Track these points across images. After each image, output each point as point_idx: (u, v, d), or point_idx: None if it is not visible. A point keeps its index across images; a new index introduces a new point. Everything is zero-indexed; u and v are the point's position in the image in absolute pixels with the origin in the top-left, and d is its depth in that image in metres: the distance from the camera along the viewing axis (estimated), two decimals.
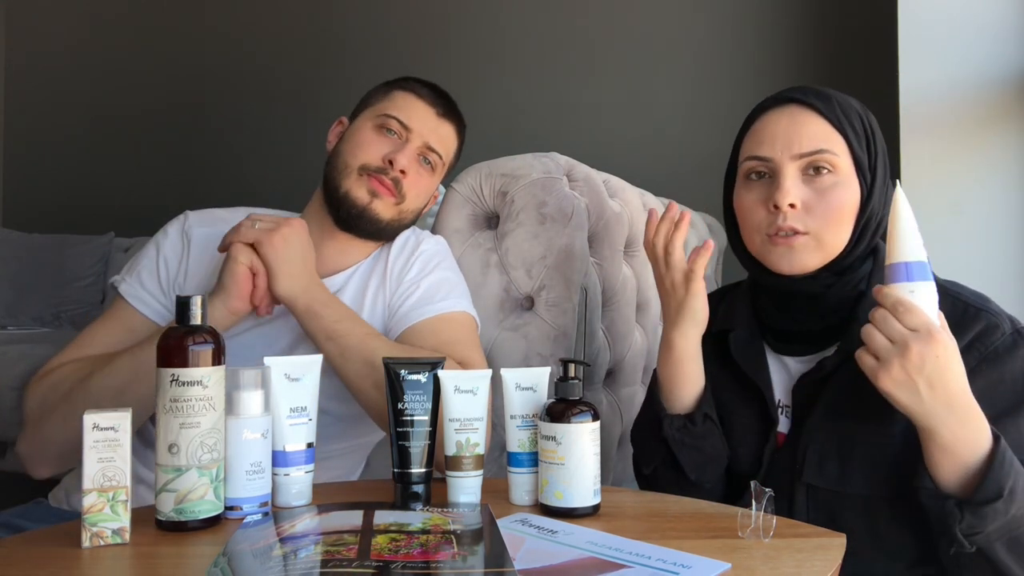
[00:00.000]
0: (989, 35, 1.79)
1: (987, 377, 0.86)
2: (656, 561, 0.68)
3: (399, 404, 0.86)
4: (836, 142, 0.93)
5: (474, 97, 2.89)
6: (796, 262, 0.93)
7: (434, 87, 1.20)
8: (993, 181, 1.77)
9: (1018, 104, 1.78)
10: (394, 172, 1.12)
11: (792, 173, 0.93)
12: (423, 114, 1.16)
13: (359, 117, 1.18)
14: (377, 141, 1.14)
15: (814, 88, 0.97)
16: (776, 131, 0.95)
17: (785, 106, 0.96)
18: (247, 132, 3.26)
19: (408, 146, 1.14)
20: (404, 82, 1.20)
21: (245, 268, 1.01)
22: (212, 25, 3.40)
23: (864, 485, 0.90)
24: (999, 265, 1.76)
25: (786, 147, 0.93)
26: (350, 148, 1.14)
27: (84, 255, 3.09)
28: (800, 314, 0.98)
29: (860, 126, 0.94)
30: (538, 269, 1.33)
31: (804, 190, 0.93)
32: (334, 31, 3.17)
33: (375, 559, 0.66)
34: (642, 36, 2.71)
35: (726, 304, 1.08)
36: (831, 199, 0.92)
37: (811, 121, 0.94)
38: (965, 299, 0.91)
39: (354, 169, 1.12)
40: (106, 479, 0.72)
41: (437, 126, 1.17)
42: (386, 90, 1.19)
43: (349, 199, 1.12)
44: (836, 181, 0.92)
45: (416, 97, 1.17)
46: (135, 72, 3.50)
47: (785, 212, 0.92)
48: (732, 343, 1.03)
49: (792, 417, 0.97)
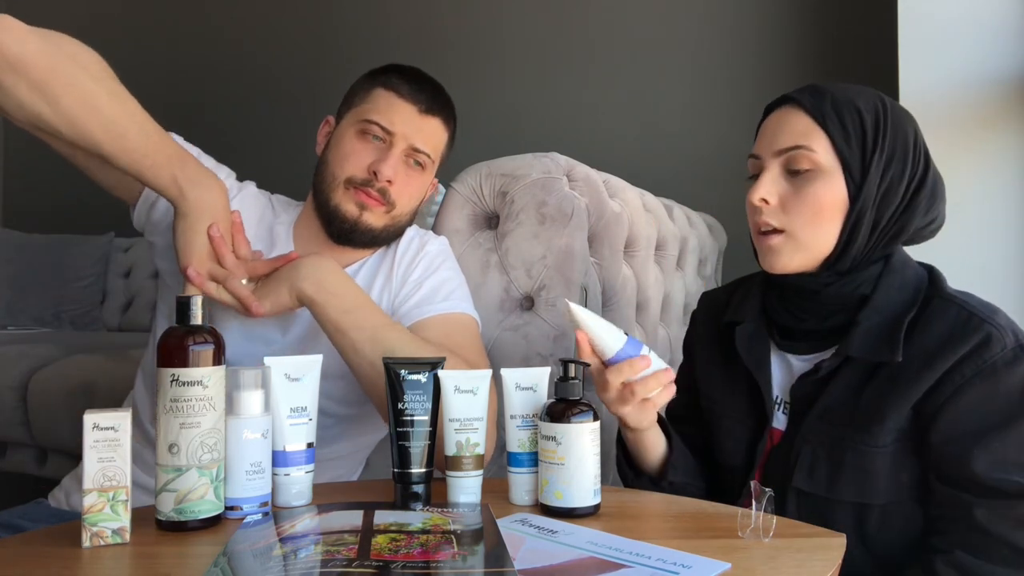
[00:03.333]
0: (989, 35, 1.79)
1: (980, 391, 0.85)
2: (656, 561, 0.68)
3: (399, 404, 0.86)
4: (816, 138, 0.91)
5: (475, 97, 2.91)
6: (776, 261, 0.94)
7: (417, 79, 1.16)
8: (993, 181, 1.77)
9: (1018, 104, 1.78)
10: (380, 183, 1.09)
11: (773, 170, 0.94)
12: (405, 115, 1.12)
13: (343, 121, 1.15)
14: (361, 150, 1.11)
15: (816, 85, 0.96)
16: (766, 129, 0.97)
17: (782, 105, 0.97)
18: (247, 132, 3.26)
19: (392, 151, 1.10)
20: (386, 78, 1.15)
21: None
22: (212, 25, 3.40)
23: (853, 492, 0.89)
24: (999, 265, 1.76)
25: (770, 144, 0.95)
26: (336, 159, 1.12)
27: (84, 255, 3.09)
28: (801, 311, 0.98)
29: (854, 122, 0.91)
30: (538, 269, 1.33)
31: (784, 187, 0.93)
32: (335, 31, 3.17)
33: (375, 559, 0.66)
34: (642, 36, 2.71)
35: (739, 295, 1.07)
36: (806, 195, 0.91)
37: (794, 118, 0.93)
38: (971, 309, 0.89)
39: (340, 182, 1.11)
40: (106, 479, 0.72)
41: (421, 125, 1.13)
42: (367, 87, 1.15)
43: (340, 213, 1.11)
44: (814, 178, 0.91)
45: (397, 96, 1.12)
46: (135, 72, 3.47)
47: (760, 208, 0.93)
48: (738, 336, 1.02)
49: (790, 416, 0.97)
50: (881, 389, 0.89)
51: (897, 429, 0.88)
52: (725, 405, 1.04)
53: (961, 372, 0.85)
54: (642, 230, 1.53)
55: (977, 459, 0.84)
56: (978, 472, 0.84)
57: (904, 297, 0.92)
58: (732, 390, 1.03)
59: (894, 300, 0.92)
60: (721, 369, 1.06)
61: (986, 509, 0.84)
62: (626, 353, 0.90)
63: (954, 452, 0.86)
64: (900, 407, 0.88)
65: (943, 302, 0.91)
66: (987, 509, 0.84)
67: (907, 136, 0.93)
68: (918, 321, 0.90)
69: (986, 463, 0.84)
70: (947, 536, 0.86)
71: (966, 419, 0.85)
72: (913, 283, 0.94)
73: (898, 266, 0.95)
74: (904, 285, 0.93)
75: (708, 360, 1.09)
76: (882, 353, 0.89)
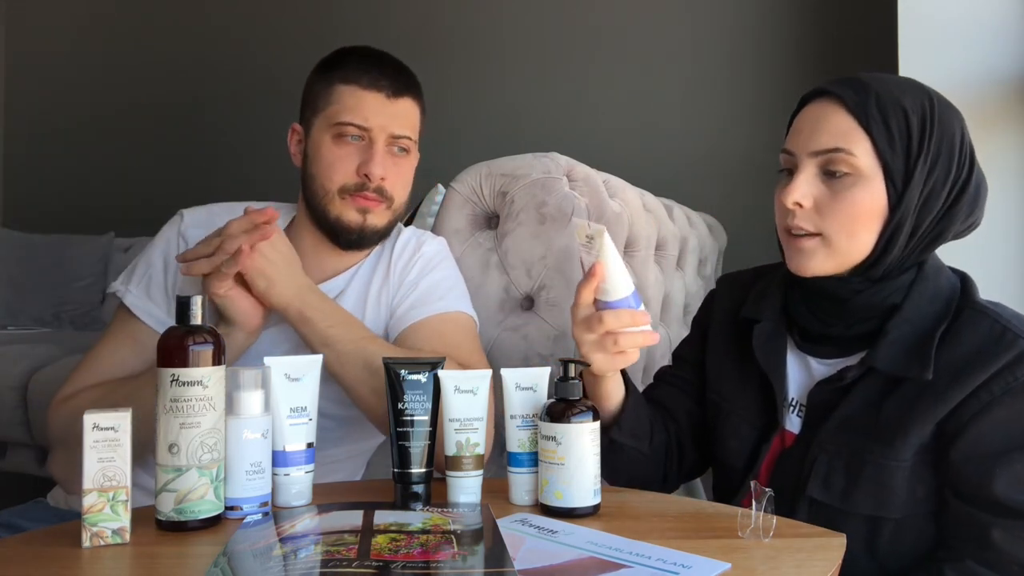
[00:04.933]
0: (989, 35, 1.79)
1: (1007, 409, 0.82)
2: (656, 561, 0.68)
3: (399, 404, 0.86)
4: (858, 141, 0.86)
5: (474, 97, 2.92)
6: (804, 265, 0.90)
7: (372, 62, 1.11)
8: (993, 181, 1.76)
9: (1018, 104, 1.77)
10: (374, 183, 1.08)
11: (808, 170, 0.89)
12: (375, 106, 1.08)
13: (313, 128, 1.11)
14: (344, 156, 1.08)
15: (858, 77, 0.90)
16: (802, 125, 0.91)
17: (819, 98, 0.91)
18: (247, 131, 3.26)
19: (376, 148, 1.08)
20: (343, 72, 1.10)
21: (237, 291, 0.99)
22: (212, 24, 3.40)
23: (870, 505, 0.86)
24: (999, 265, 1.76)
25: (806, 143, 0.89)
26: (321, 170, 1.09)
27: (84, 255, 3.09)
28: (826, 315, 0.94)
29: (899, 124, 0.86)
30: (538, 269, 1.33)
31: (820, 189, 0.88)
32: (335, 31, 3.17)
33: (375, 559, 0.66)
34: (643, 36, 2.71)
35: (760, 288, 1.03)
36: (843, 201, 0.87)
37: (834, 116, 0.88)
38: (1005, 323, 0.85)
39: (334, 193, 1.09)
40: (106, 479, 0.72)
41: (394, 111, 1.10)
42: (325, 85, 1.11)
43: (343, 223, 1.09)
44: (853, 183, 0.87)
45: (360, 88, 1.08)
46: (135, 72, 3.50)
47: (794, 211, 0.89)
48: (755, 336, 0.98)
49: (805, 420, 0.94)
50: (906, 402, 0.86)
51: (919, 444, 0.85)
52: (734, 402, 1.00)
53: (990, 390, 0.82)
54: (642, 230, 1.53)
55: (999, 479, 0.81)
56: (998, 492, 0.81)
57: (936, 308, 0.88)
58: (743, 388, 1.00)
59: (925, 312, 0.88)
60: (734, 364, 1.02)
61: (1003, 530, 0.81)
62: (628, 303, 0.88)
63: (975, 471, 0.83)
64: (925, 423, 0.84)
65: (975, 313, 0.87)
66: (1004, 530, 0.81)
67: (953, 137, 0.88)
68: (948, 332, 0.86)
69: (1007, 483, 0.81)
70: (958, 551, 0.84)
71: (990, 438, 0.82)
72: (946, 293, 0.90)
73: (931, 274, 0.91)
74: (936, 295, 0.90)
75: (721, 351, 1.05)
76: (911, 368, 0.85)
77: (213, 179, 3.27)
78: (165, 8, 3.47)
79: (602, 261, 0.87)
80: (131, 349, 1.06)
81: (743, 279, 1.09)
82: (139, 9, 3.52)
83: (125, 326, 1.09)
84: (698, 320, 1.13)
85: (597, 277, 0.87)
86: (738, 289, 1.07)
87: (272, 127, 3.21)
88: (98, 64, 3.57)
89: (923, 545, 0.87)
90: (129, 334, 1.08)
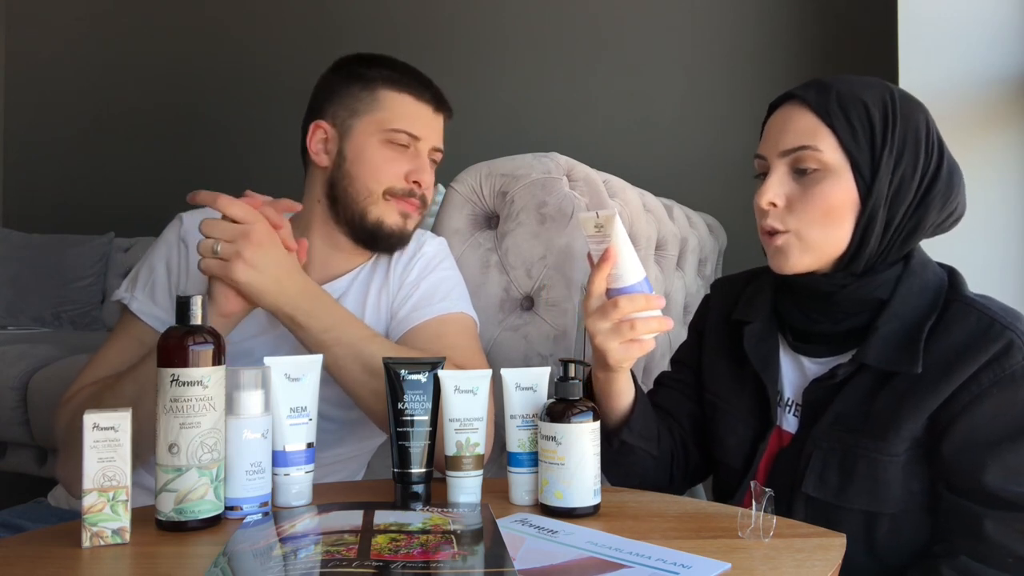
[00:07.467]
0: (989, 35, 1.79)
1: (996, 401, 0.83)
2: (656, 561, 0.68)
3: (399, 404, 0.86)
4: (822, 137, 0.89)
5: (475, 97, 2.91)
6: (783, 263, 0.92)
7: (414, 73, 1.14)
8: (993, 181, 1.77)
9: (1018, 104, 1.77)
10: (420, 192, 1.12)
11: (780, 171, 0.92)
12: (426, 118, 1.14)
13: (354, 130, 1.11)
14: (393, 159, 1.10)
15: (821, 80, 0.93)
16: (771, 129, 0.95)
17: (786, 102, 0.95)
18: (247, 132, 3.26)
19: (422, 157, 1.13)
20: (385, 75, 1.11)
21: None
22: (212, 24, 3.40)
23: (865, 500, 0.87)
24: (999, 265, 1.76)
25: (775, 145, 0.92)
26: (367, 171, 1.10)
27: (84, 255, 3.09)
28: (815, 313, 0.95)
29: (861, 118, 0.89)
30: (538, 269, 1.33)
31: (792, 187, 0.91)
32: (335, 30, 3.17)
33: (375, 559, 0.66)
34: (642, 36, 2.71)
35: (751, 290, 1.05)
36: (814, 196, 0.89)
37: (799, 117, 0.91)
38: (992, 314, 0.86)
39: (379, 195, 1.10)
40: (106, 479, 0.72)
41: (436, 124, 1.16)
42: (365, 87, 1.12)
43: (385, 226, 1.11)
44: (823, 177, 0.89)
45: (414, 99, 1.12)
46: (135, 72, 3.50)
47: (766, 211, 0.92)
48: (746, 336, 1.00)
49: (801, 419, 0.95)
50: (897, 397, 0.87)
51: (912, 438, 0.86)
52: (730, 402, 1.02)
53: (979, 381, 0.83)
54: (642, 230, 1.53)
55: (989, 470, 0.82)
56: (989, 483, 0.82)
57: (923, 302, 0.89)
58: (739, 388, 1.01)
59: (913, 305, 0.89)
60: (728, 365, 1.03)
61: (995, 521, 0.82)
62: (642, 287, 0.88)
63: (966, 462, 0.83)
64: (916, 416, 0.85)
65: (963, 306, 0.88)
66: (996, 521, 0.82)
67: (918, 127, 0.90)
68: (937, 326, 0.87)
69: (998, 475, 0.82)
70: (953, 544, 0.84)
71: (980, 429, 0.83)
72: (933, 287, 0.91)
73: (918, 268, 0.92)
74: (924, 289, 0.91)
75: (716, 353, 1.06)
76: (901, 363, 0.86)
77: (213, 179, 3.25)
78: (165, 8, 3.47)
79: (615, 245, 0.87)
80: (137, 351, 1.06)
81: (736, 282, 1.11)
82: (139, 9, 3.52)
83: (130, 329, 1.09)
84: (694, 324, 1.15)
85: (610, 261, 0.88)
86: (731, 292, 1.09)
87: (272, 127, 3.22)
88: (98, 64, 3.58)
89: (920, 540, 0.87)
90: (135, 337, 1.08)
